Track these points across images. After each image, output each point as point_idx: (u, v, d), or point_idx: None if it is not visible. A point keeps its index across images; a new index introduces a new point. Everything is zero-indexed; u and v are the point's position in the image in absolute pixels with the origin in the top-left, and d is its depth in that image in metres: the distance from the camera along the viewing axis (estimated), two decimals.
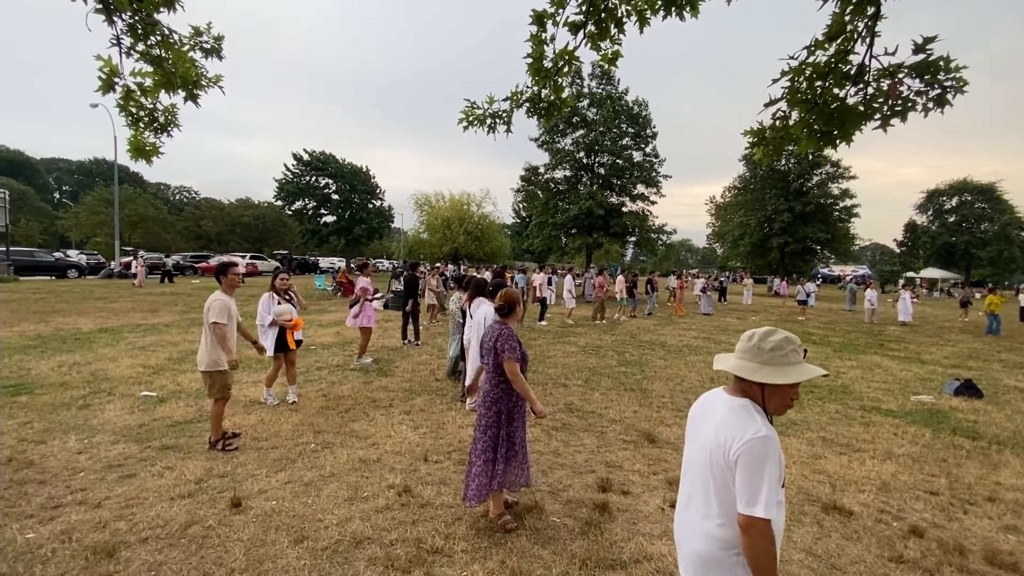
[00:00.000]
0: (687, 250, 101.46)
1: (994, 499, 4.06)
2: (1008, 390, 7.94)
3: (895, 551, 3.24)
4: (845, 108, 2.10)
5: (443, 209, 38.96)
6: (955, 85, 1.89)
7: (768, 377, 1.53)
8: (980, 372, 9.21)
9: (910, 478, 4.40)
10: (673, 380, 7.80)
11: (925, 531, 3.51)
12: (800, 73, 2.17)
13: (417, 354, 9.17)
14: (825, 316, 19.96)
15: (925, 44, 1.86)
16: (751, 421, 1.52)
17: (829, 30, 2.05)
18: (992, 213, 50.52)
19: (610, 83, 27.32)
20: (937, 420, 6.13)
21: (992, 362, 10.63)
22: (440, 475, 4.15)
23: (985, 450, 5.17)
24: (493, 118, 2.67)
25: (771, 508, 1.44)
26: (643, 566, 2.97)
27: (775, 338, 1.57)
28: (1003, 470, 4.65)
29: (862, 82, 2.07)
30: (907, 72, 1.93)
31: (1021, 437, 5.61)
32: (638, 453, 4.77)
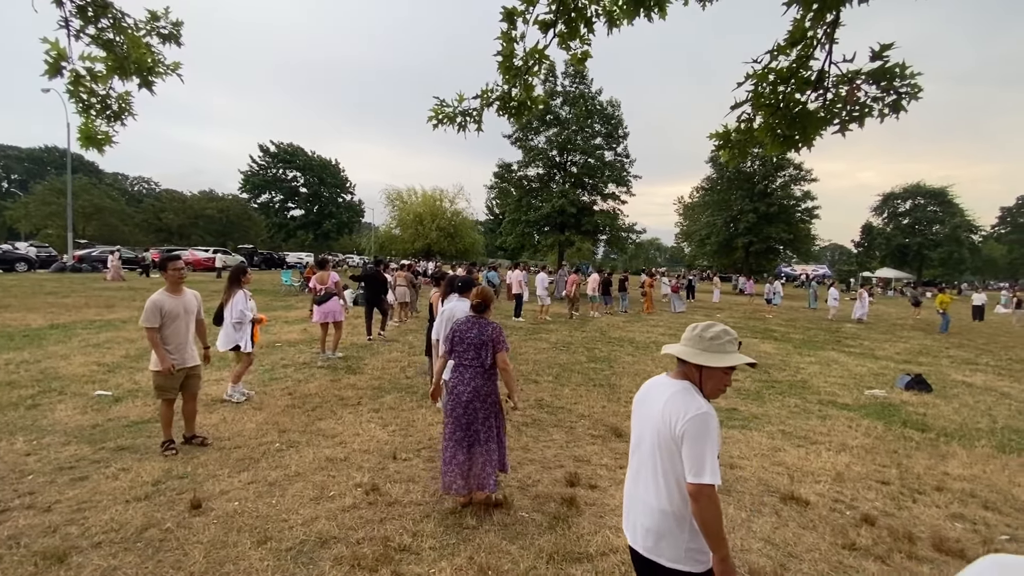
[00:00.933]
0: (656, 249, 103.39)
1: (942, 488, 4.29)
2: (955, 384, 8.39)
3: (848, 539, 3.39)
4: (806, 113, 2.18)
5: (415, 205, 38.48)
6: (910, 91, 1.98)
7: (707, 361, 1.72)
8: (930, 367, 9.71)
9: (863, 469, 4.60)
10: (640, 375, 7.94)
11: (876, 519, 3.68)
12: (764, 78, 2.24)
13: (387, 351, 9.06)
14: (788, 314, 20.67)
15: (882, 51, 1.94)
16: (693, 400, 1.70)
17: (791, 36, 2.12)
18: (943, 216, 53.30)
19: (583, 82, 27.52)
20: (889, 413, 6.43)
21: (941, 358, 11.22)
22: (409, 473, 4.11)
23: (933, 442, 5.45)
24: (463, 116, 2.65)
25: (716, 475, 1.60)
26: (609, 559, 3.02)
27: (715, 329, 1.77)
28: (950, 461, 4.92)
29: (822, 88, 2.14)
30: (865, 78, 2.01)
31: (967, 429, 5.94)
32: (606, 447, 4.85)
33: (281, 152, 42.39)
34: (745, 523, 3.53)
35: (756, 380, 7.77)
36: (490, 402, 3.52)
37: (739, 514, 3.65)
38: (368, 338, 9.99)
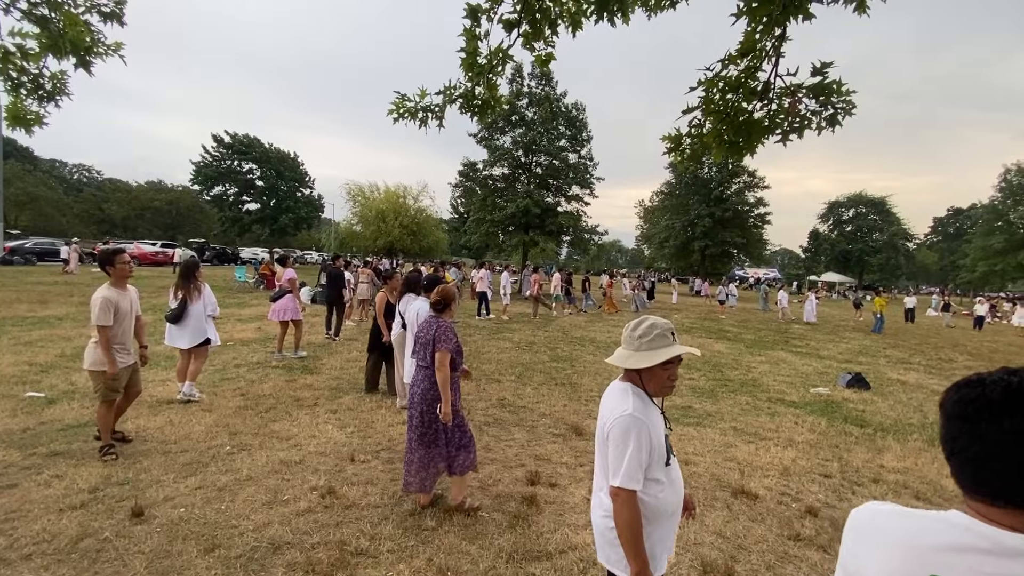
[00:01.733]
0: (617, 250, 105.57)
1: (878, 480, 4.56)
2: (891, 382, 8.95)
3: (793, 530, 3.56)
4: (751, 121, 2.28)
5: (378, 201, 37.76)
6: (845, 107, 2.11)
7: (637, 363, 1.68)
8: (868, 366, 10.31)
9: (808, 463, 4.84)
10: (601, 374, 8.08)
11: (819, 511, 3.87)
12: (714, 85, 2.32)
13: (346, 350, 8.86)
14: (740, 315, 21.50)
15: (823, 68, 2.06)
16: (623, 401, 1.68)
17: (741, 46, 2.21)
18: (883, 224, 56.83)
19: (548, 84, 27.73)
20: (831, 410, 6.80)
21: (879, 357, 11.94)
22: (367, 475, 4.03)
23: (871, 436, 5.79)
24: (425, 112, 2.61)
25: (631, 480, 1.58)
26: (567, 556, 3.06)
27: (643, 326, 1.72)
28: (886, 454, 5.23)
29: (767, 98, 2.25)
30: (806, 92, 2.12)
31: (901, 425, 6.34)
32: (566, 446, 4.90)
33: (236, 143, 40.66)
34: (699, 517, 3.64)
35: (710, 379, 8.04)
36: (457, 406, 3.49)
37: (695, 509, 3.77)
38: (325, 337, 9.77)
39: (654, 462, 1.65)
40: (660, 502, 1.68)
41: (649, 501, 1.66)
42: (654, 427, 1.66)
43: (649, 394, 1.72)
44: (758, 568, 3.08)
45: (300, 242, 59.94)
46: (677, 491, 1.76)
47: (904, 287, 59.37)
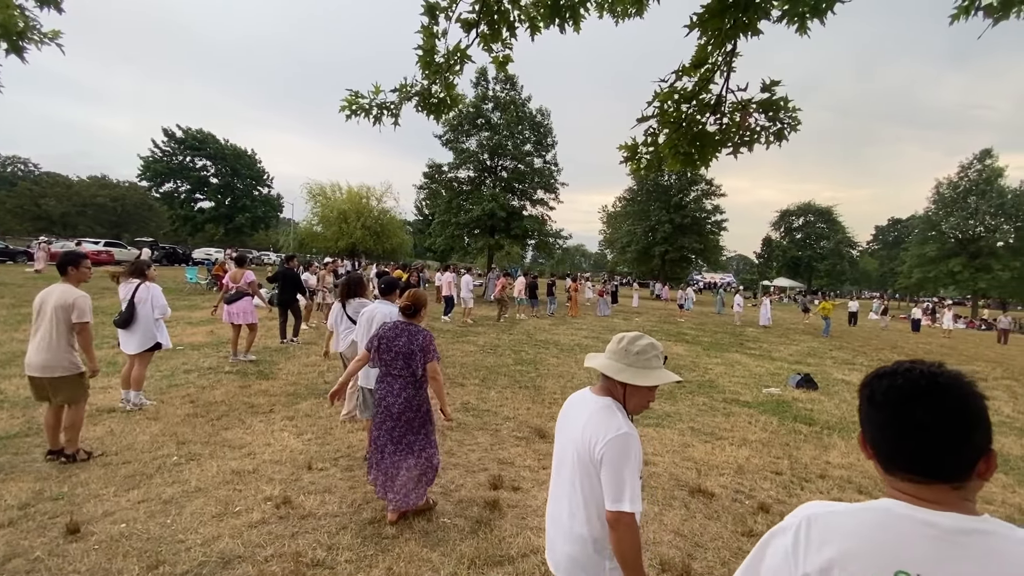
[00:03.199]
0: (581, 255, 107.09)
1: (824, 476, 4.78)
2: (837, 383, 9.42)
3: (746, 526, 3.68)
4: (704, 133, 2.36)
5: (340, 201, 36.93)
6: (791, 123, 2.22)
7: (632, 379, 1.61)
8: (816, 367, 10.83)
9: (760, 461, 5.03)
10: (564, 377, 8.16)
11: (771, 507, 4.03)
12: (669, 96, 2.39)
13: (304, 355, 8.60)
14: (698, 319, 22.18)
15: (771, 85, 2.16)
16: (613, 419, 1.58)
17: (694, 59, 2.29)
18: (829, 232, 59.92)
19: (514, 88, 27.90)
20: (782, 409, 7.09)
21: (826, 359, 12.57)
22: (325, 483, 3.92)
23: (819, 434, 6.08)
24: (379, 109, 2.57)
25: (636, 502, 1.50)
26: (530, 560, 3.06)
27: (641, 343, 1.66)
28: (832, 451, 5.50)
29: (720, 111, 2.34)
30: (756, 107, 2.22)
31: (846, 422, 6.67)
32: (529, 449, 4.91)
33: (189, 138, 38.85)
34: (657, 517, 3.72)
35: None
36: (423, 411, 3.41)
37: (652, 508, 3.84)
38: (281, 341, 9.44)
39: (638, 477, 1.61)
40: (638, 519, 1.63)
41: None
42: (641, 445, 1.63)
43: (627, 411, 1.65)
44: (714, 565, 3.17)
45: (257, 242, 57.90)
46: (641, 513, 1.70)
47: (848, 292, 62.85)
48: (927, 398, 0.87)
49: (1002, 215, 40.73)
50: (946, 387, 0.87)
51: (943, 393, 0.87)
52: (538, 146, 28.65)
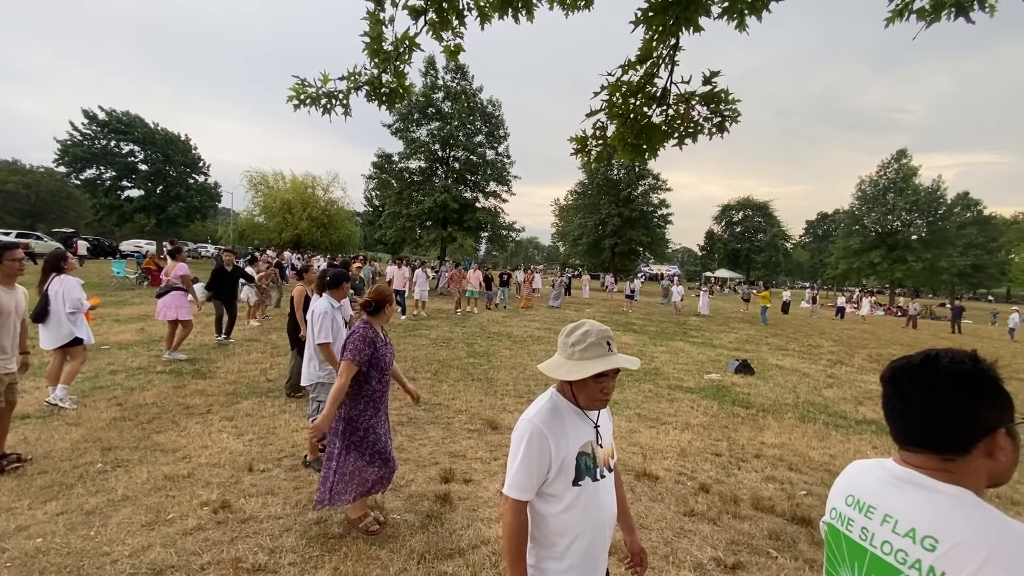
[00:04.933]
0: (535, 247, 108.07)
1: (759, 456, 5.07)
2: (771, 368, 10.01)
3: (688, 506, 3.86)
4: (651, 125, 2.43)
5: (284, 191, 35.37)
6: (731, 115, 2.31)
7: (566, 374, 1.52)
8: (753, 353, 11.46)
9: (701, 444, 5.28)
10: (517, 369, 8.22)
11: (711, 487, 4.23)
12: (617, 89, 2.44)
13: (245, 352, 8.20)
14: (646, 309, 22.93)
15: (712, 77, 2.24)
16: (534, 407, 1.57)
17: (640, 53, 2.35)
18: (766, 226, 63.47)
19: (464, 78, 27.61)
20: (722, 394, 7.46)
21: (762, 345, 13.31)
22: (267, 485, 3.76)
23: (755, 416, 6.44)
24: (328, 99, 2.45)
25: (517, 488, 1.48)
26: (480, 551, 3.07)
27: (577, 333, 1.56)
28: (766, 432, 5.84)
29: (665, 104, 2.41)
30: (699, 100, 2.30)
31: (779, 405, 7.11)
32: (481, 441, 4.92)
33: (113, 121, 35.81)
34: None
35: None
36: (338, 415, 3.06)
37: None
38: (217, 339, 8.92)
39: (554, 478, 1.49)
40: (564, 526, 1.51)
41: (545, 519, 1.53)
42: (560, 440, 1.49)
43: (580, 406, 1.57)
44: (657, 544, 3.30)
45: (193, 234, 54.55)
46: (592, 516, 1.54)
47: (782, 283, 66.89)
48: (917, 369, 0.98)
49: (916, 211, 44.56)
50: (938, 361, 0.96)
51: (933, 366, 0.96)
52: (490, 137, 28.55)
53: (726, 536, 3.47)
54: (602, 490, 1.58)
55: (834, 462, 5.00)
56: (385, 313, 3.14)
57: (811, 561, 3.22)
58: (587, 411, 1.58)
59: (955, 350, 0.98)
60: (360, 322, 3.07)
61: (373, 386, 3.10)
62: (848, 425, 6.34)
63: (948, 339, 19.97)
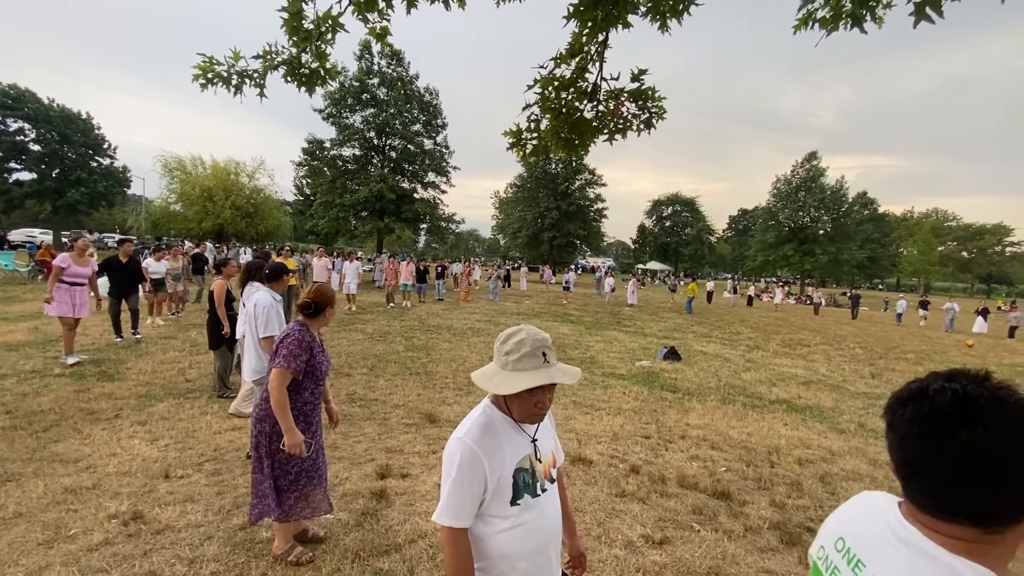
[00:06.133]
0: (475, 240, 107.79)
1: (685, 437, 5.39)
2: (696, 354, 10.63)
3: (620, 488, 4.03)
4: (583, 120, 2.49)
5: (203, 177, 32.81)
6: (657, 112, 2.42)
7: (496, 387, 1.40)
8: (680, 341, 12.11)
9: (632, 427, 5.53)
10: (456, 361, 8.19)
11: (640, 468, 4.45)
12: (549, 83, 2.48)
13: (160, 351, 7.59)
14: (582, 300, 23.58)
15: (639, 75, 2.34)
16: (466, 423, 1.46)
17: (570, 48, 2.40)
18: (693, 221, 67.21)
19: (401, 65, 26.87)
20: (652, 380, 7.84)
21: (688, 333, 14.10)
22: (186, 491, 3.52)
23: (681, 400, 6.82)
24: (240, 78, 2.29)
25: (450, 516, 1.36)
26: (417, 545, 3.05)
27: (513, 340, 1.43)
28: (691, 414, 6.21)
29: (596, 99, 2.48)
30: (627, 96, 2.39)
31: (703, 388, 7.57)
32: (419, 435, 4.87)
33: None
34: None
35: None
36: (260, 429, 2.71)
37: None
38: (116, 339, 8.02)
39: (491, 500, 1.38)
40: (502, 546, 1.40)
41: (486, 542, 1.41)
42: (494, 459, 1.38)
43: (515, 419, 1.46)
44: (591, 526, 3.43)
45: (99, 222, 49.50)
46: (533, 535, 1.44)
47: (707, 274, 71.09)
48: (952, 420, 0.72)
49: (822, 208, 48.96)
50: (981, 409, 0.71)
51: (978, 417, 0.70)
52: (428, 127, 28.03)
53: (654, 514, 3.67)
54: (545, 504, 1.48)
55: (751, 440, 5.41)
56: (325, 316, 2.82)
57: (729, 532, 3.48)
58: (522, 424, 1.47)
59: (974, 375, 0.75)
60: (295, 324, 2.75)
61: (305, 398, 2.76)
62: (763, 405, 6.88)
63: (848, 324, 22.11)
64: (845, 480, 4.55)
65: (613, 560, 3.05)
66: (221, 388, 5.65)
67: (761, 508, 3.87)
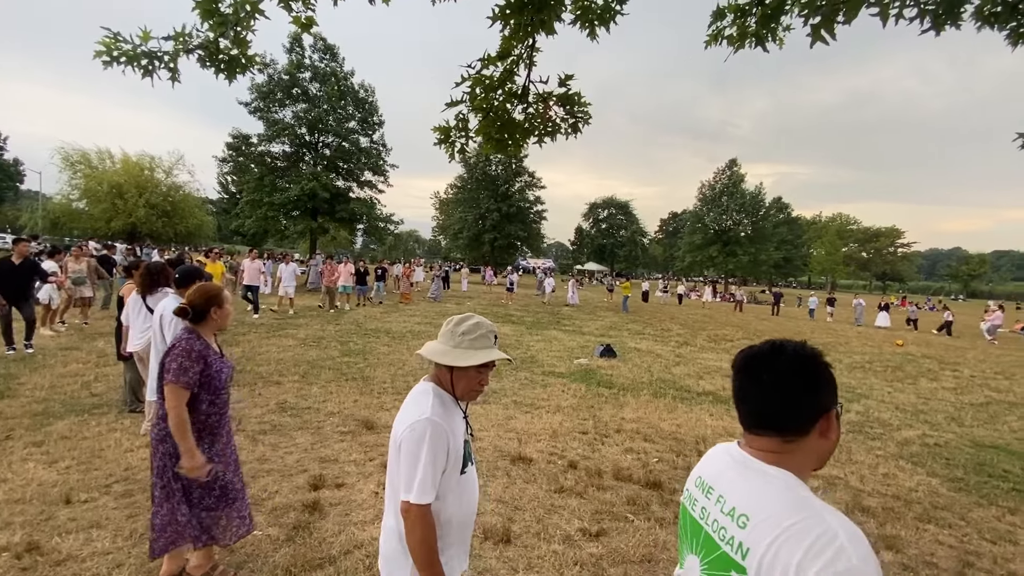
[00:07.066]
0: (415, 240, 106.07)
1: (620, 431, 5.59)
2: (631, 350, 11.06)
3: (558, 484, 4.12)
4: (513, 121, 2.53)
5: (112, 172, 30.01)
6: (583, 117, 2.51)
7: (454, 360, 1.55)
8: (616, 338, 12.55)
9: (571, 424, 5.66)
10: (395, 365, 8.02)
11: (578, 463, 4.57)
12: (479, 83, 2.49)
13: (60, 363, 6.86)
14: (523, 300, 23.83)
15: (566, 80, 2.41)
16: (421, 404, 1.53)
17: (500, 49, 2.43)
18: (627, 223, 69.82)
19: (335, 59, 25.94)
20: (589, 377, 8.08)
21: (623, 331, 14.64)
22: (91, 517, 3.21)
23: (616, 395, 7.07)
24: (150, 59, 2.11)
25: (425, 493, 1.44)
26: (353, 556, 2.96)
27: (468, 323, 1.60)
28: (626, 408, 6.45)
29: (526, 101, 2.53)
30: (556, 100, 2.45)
31: (637, 383, 7.89)
32: (355, 442, 4.73)
33: None
34: (482, 488, 3.92)
35: None
36: (164, 451, 2.44)
37: (477, 481, 4.04)
38: (8, 351, 7.16)
39: (450, 470, 1.52)
40: (451, 514, 1.55)
41: (440, 513, 1.53)
42: (455, 432, 1.53)
43: (456, 397, 1.61)
44: (530, 523, 3.48)
45: None
46: (470, 500, 1.64)
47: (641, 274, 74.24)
48: (767, 357, 1.02)
49: (743, 212, 52.57)
50: (784, 349, 1.02)
51: (780, 354, 1.01)
52: (364, 124, 27.19)
53: (591, 507, 3.78)
54: (474, 474, 1.69)
55: (680, 431, 5.70)
56: (213, 319, 2.52)
57: (661, 520, 3.65)
58: (460, 402, 1.63)
59: (794, 341, 1.04)
60: (183, 332, 2.48)
61: (204, 411, 2.47)
62: (691, 397, 7.28)
63: (767, 320, 23.86)
64: None
65: (552, 555, 3.11)
66: (133, 402, 5.20)
67: None
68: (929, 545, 3.59)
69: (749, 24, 2.40)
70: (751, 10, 2.36)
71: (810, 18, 2.18)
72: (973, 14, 2.51)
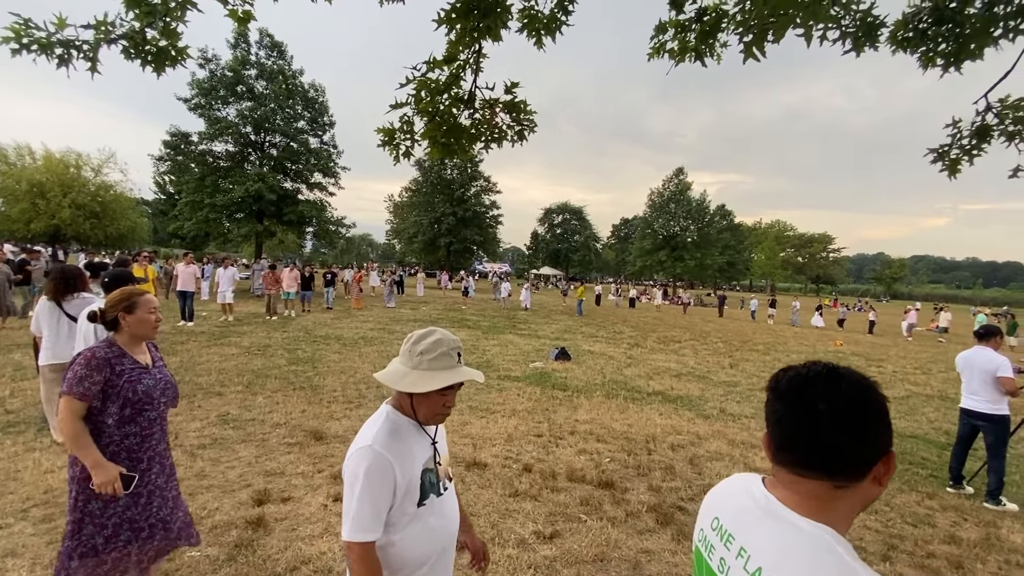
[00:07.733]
0: (368, 244, 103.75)
1: (574, 432, 5.67)
2: (585, 353, 11.26)
3: (513, 488, 4.13)
4: (459, 126, 2.54)
5: (33, 170, 27.69)
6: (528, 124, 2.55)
7: (412, 386, 1.41)
8: (570, 341, 12.74)
9: (526, 427, 5.69)
10: (346, 373, 7.80)
11: (533, 466, 4.59)
12: (425, 86, 2.48)
13: None
14: (480, 305, 23.78)
15: (512, 87, 2.44)
16: (367, 432, 1.43)
17: (446, 53, 2.43)
18: (581, 228, 71.30)
19: (282, 57, 25.10)
20: (544, 379, 8.15)
21: (577, 334, 14.88)
22: (6, 545, 2.93)
23: (570, 397, 7.17)
24: (65, 48, 1.95)
25: (361, 530, 1.33)
26: (300, 572, 2.85)
27: (427, 341, 1.46)
28: (579, 410, 6.55)
29: (472, 107, 2.54)
30: (502, 107, 2.48)
31: (590, 385, 8.03)
32: (303, 454, 4.55)
33: None
34: None
35: None
36: (73, 473, 2.12)
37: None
38: None
39: (399, 504, 1.38)
40: (408, 551, 1.41)
41: (392, 547, 1.39)
42: (404, 462, 1.39)
43: (419, 420, 1.48)
44: (485, 528, 3.46)
45: None
46: (437, 535, 1.48)
47: (594, 278, 75.90)
48: (823, 384, 0.85)
49: (690, 218, 54.94)
50: (842, 375, 0.86)
51: (838, 380, 0.85)
52: (314, 124, 26.44)
53: (545, 509, 3.81)
54: (446, 503, 1.53)
55: (631, 430, 5.85)
56: (128, 324, 2.22)
57: (612, 519, 3.72)
58: (425, 426, 1.51)
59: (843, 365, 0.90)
60: (101, 340, 2.27)
61: (113, 428, 2.13)
62: (642, 398, 7.48)
63: (712, 321, 24.91)
64: (710, 460, 5.11)
65: (506, 560, 3.11)
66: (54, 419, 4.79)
67: (640, 493, 4.20)
68: (857, 531, 3.85)
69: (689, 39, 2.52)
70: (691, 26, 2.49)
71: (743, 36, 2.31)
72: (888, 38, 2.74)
